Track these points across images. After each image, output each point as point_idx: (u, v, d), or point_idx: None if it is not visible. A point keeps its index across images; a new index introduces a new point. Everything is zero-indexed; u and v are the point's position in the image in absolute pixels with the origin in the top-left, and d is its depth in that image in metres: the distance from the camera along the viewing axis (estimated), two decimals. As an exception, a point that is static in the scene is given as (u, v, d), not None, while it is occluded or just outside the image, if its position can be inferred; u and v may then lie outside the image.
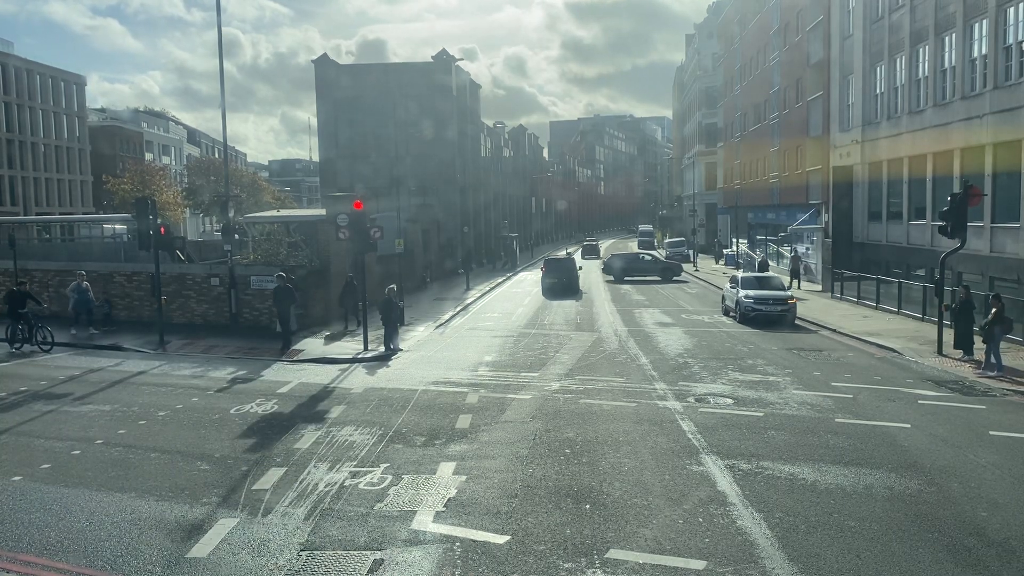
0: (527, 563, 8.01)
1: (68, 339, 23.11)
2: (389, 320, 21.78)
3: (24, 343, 21.83)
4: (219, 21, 25.34)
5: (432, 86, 52.16)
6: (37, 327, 21.88)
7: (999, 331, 18.35)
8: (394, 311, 21.99)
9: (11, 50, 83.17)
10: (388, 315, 21.76)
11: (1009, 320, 18.82)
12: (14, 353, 21.45)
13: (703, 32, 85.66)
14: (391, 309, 21.86)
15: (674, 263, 50.68)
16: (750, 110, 58.68)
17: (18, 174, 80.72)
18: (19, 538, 8.78)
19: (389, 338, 21.76)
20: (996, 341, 18.27)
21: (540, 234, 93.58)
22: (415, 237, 41.34)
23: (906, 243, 31.20)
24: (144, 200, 22.93)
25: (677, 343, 23.20)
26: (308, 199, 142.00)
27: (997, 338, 18.30)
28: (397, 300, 22.42)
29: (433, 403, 15.34)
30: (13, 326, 21.95)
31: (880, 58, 32.93)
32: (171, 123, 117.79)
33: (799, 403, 15.20)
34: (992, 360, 18.23)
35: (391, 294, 22.41)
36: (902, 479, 10.63)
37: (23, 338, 21.87)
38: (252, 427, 13.53)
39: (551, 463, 11.34)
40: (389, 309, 21.82)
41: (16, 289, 22.64)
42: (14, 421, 14.01)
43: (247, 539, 8.66)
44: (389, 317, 21.77)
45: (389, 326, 21.80)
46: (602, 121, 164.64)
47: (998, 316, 18.34)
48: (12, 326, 21.97)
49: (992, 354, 18.27)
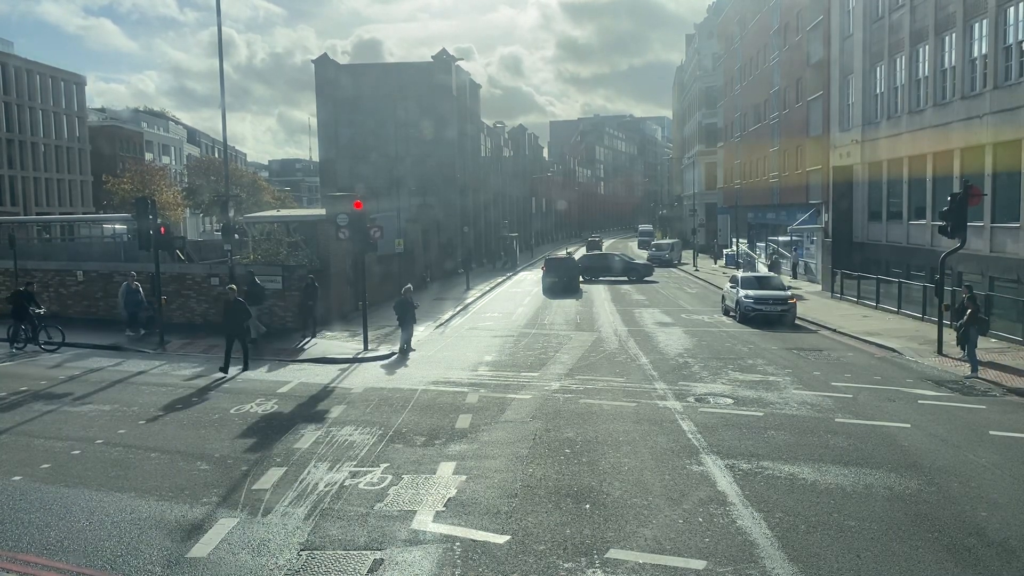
0: (527, 563, 8.01)
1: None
2: (405, 320, 21.74)
3: (27, 343, 21.75)
4: (219, 21, 25.34)
5: (432, 86, 52.14)
6: (42, 327, 21.78)
7: (974, 332, 18.43)
8: (410, 311, 21.94)
9: (11, 50, 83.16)
10: (404, 315, 21.73)
11: (985, 320, 18.94)
12: (15, 353, 21.43)
13: (703, 32, 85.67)
14: (407, 309, 21.82)
15: (642, 264, 49.41)
16: (750, 110, 58.69)
17: (18, 174, 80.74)
18: (19, 538, 8.78)
19: (405, 338, 21.72)
20: (972, 342, 18.33)
21: (540, 234, 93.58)
22: (415, 237, 41.34)
23: (906, 243, 31.20)
24: (144, 200, 22.90)
25: (677, 343, 23.21)
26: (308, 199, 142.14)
27: (973, 339, 18.35)
28: (413, 300, 22.39)
29: (433, 403, 15.33)
30: (16, 326, 21.93)
31: (880, 58, 32.93)
32: (171, 123, 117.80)
33: (799, 403, 15.20)
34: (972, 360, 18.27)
35: (408, 294, 22.40)
36: (902, 479, 10.63)
37: (26, 338, 21.80)
38: (252, 427, 13.53)
39: (551, 463, 11.34)
40: (405, 309, 21.78)
41: (22, 290, 22.56)
42: (14, 421, 14.01)
43: (247, 539, 8.65)
44: (405, 317, 21.73)
45: (405, 326, 21.75)
46: (602, 121, 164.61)
47: (973, 317, 18.43)
48: (15, 326, 21.93)
49: (969, 355, 18.32)
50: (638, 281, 46.03)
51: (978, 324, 18.50)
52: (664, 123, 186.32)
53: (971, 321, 18.39)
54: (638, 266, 48.40)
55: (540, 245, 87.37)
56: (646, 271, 47.78)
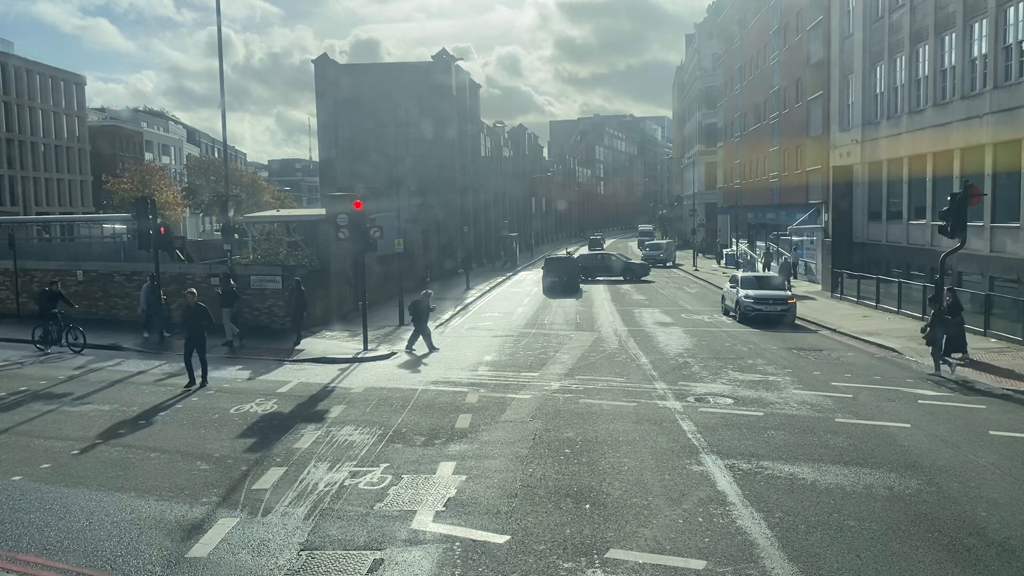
0: (527, 563, 8.01)
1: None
2: (420, 322, 21.77)
3: (53, 344, 21.54)
4: (219, 22, 25.36)
5: (432, 86, 52.13)
6: (68, 328, 21.54)
7: (941, 333, 18.46)
8: (425, 314, 21.97)
9: (11, 50, 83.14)
10: (419, 317, 21.77)
11: (949, 320, 18.98)
12: (43, 355, 21.08)
13: (703, 32, 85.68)
14: (422, 312, 21.85)
15: (639, 264, 49.78)
16: (750, 110, 58.68)
17: (18, 174, 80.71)
18: (19, 538, 8.78)
19: (425, 340, 21.72)
20: (939, 344, 18.37)
21: (540, 234, 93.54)
22: (415, 237, 41.30)
23: (906, 243, 31.19)
24: (144, 200, 22.89)
25: (677, 343, 23.20)
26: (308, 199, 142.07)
27: (939, 340, 18.39)
28: (431, 304, 22.50)
29: (433, 403, 15.34)
30: (45, 327, 21.64)
31: (880, 58, 32.92)
32: (171, 123, 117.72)
33: (799, 403, 15.20)
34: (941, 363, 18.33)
35: (426, 298, 22.49)
36: (902, 479, 10.63)
37: (53, 339, 21.54)
38: (252, 427, 13.53)
39: (551, 463, 11.34)
40: (419, 311, 21.82)
41: (49, 289, 22.30)
42: (14, 421, 14.01)
43: (247, 539, 8.65)
44: (419, 319, 21.77)
45: (421, 328, 21.78)
46: (602, 121, 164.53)
47: (938, 318, 18.50)
48: (44, 327, 21.65)
49: (936, 357, 18.38)
50: (636, 281, 46.23)
51: (944, 325, 18.54)
52: (664, 123, 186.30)
53: (936, 321, 18.53)
54: (635, 266, 48.82)
55: (540, 245, 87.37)
56: (643, 271, 48.32)
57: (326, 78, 53.27)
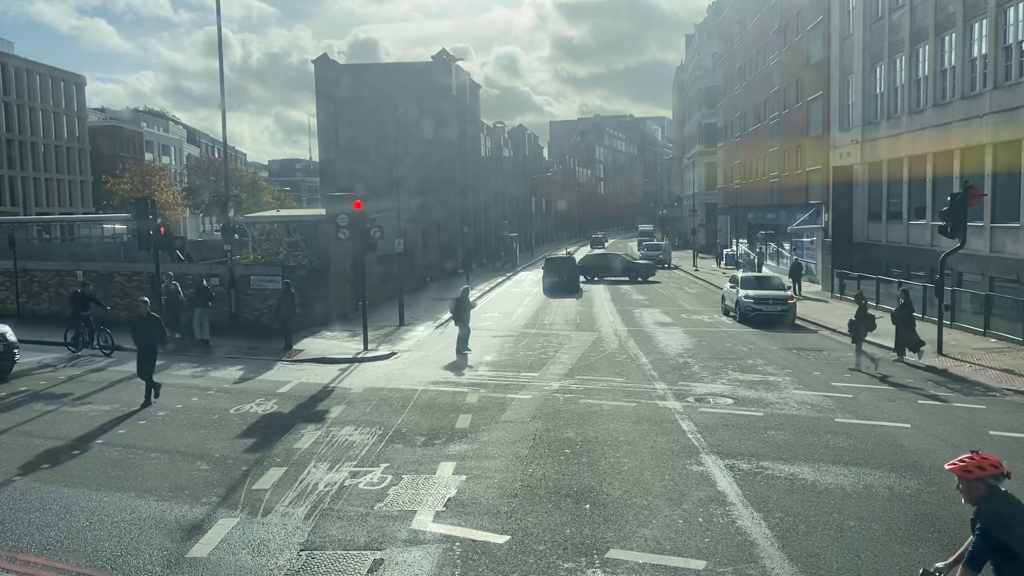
0: (527, 563, 8.01)
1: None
2: (462, 320, 21.56)
3: (85, 347, 21.30)
4: (219, 22, 25.36)
5: (432, 86, 52.14)
6: (99, 330, 21.26)
7: (864, 328, 18.99)
8: (467, 312, 21.83)
9: (11, 50, 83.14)
10: (460, 315, 21.63)
11: (871, 317, 19.48)
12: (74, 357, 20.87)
13: (703, 32, 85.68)
14: (464, 309, 21.75)
15: (643, 264, 49.03)
16: (750, 110, 58.66)
17: (18, 174, 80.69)
18: (19, 538, 8.78)
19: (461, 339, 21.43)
20: (860, 340, 18.96)
21: (540, 234, 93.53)
22: (415, 237, 41.28)
23: (906, 243, 31.20)
24: (144, 200, 22.89)
25: (677, 343, 23.20)
26: (308, 199, 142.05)
27: (862, 336, 18.97)
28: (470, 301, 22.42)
29: (433, 403, 15.33)
30: (77, 329, 21.42)
31: (880, 58, 32.92)
32: (171, 123, 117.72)
33: (799, 403, 15.20)
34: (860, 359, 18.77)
35: (465, 293, 22.46)
36: (902, 479, 10.63)
37: (84, 341, 21.30)
38: (252, 427, 13.53)
39: (551, 463, 11.34)
40: (462, 309, 21.71)
41: (80, 291, 21.98)
42: (14, 421, 14.01)
43: (247, 539, 8.65)
44: (462, 317, 21.61)
45: (462, 327, 21.52)
46: (602, 121, 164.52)
47: (861, 313, 19.08)
48: (76, 329, 21.43)
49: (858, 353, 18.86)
50: (639, 281, 45.94)
51: (867, 320, 19.16)
52: (664, 123, 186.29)
53: (861, 316, 19.17)
54: (639, 266, 47.94)
55: (540, 245, 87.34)
56: (648, 271, 47.32)
57: (326, 78, 53.28)
